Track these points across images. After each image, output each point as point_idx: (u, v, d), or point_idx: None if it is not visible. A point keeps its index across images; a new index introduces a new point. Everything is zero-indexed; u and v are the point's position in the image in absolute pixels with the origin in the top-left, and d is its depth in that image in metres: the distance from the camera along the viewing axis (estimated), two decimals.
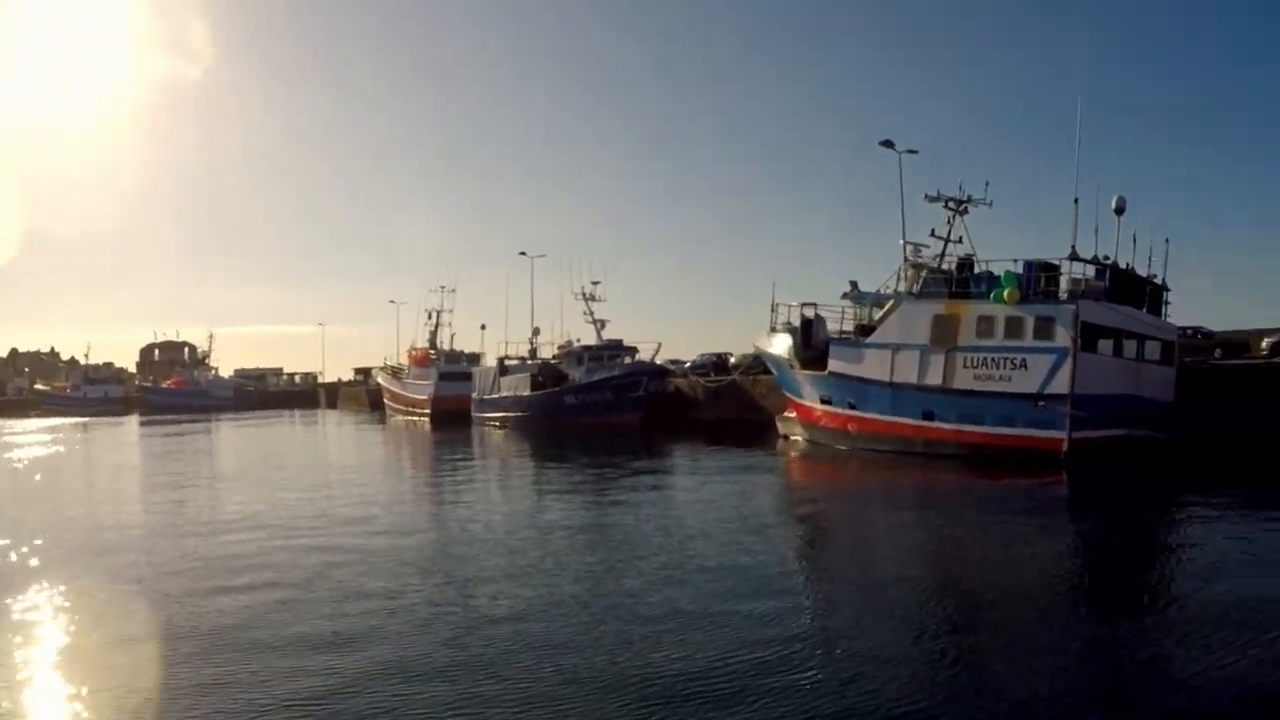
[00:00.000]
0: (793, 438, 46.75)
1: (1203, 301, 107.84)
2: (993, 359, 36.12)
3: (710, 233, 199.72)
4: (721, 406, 59.84)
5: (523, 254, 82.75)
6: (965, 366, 36.84)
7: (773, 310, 47.57)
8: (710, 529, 22.31)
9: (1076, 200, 35.54)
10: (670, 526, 22.77)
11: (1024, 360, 35.32)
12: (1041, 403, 34.69)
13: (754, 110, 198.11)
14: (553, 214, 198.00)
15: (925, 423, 38.08)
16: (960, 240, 41.49)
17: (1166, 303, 39.19)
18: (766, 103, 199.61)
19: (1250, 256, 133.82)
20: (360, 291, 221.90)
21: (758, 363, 54.83)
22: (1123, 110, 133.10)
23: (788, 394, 47.63)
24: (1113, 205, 36.13)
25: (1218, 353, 44.30)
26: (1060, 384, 34.30)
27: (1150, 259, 38.28)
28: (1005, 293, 35.79)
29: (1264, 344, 43.11)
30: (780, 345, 46.34)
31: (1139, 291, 37.43)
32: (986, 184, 41.94)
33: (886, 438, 39.35)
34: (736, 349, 70.26)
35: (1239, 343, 45.98)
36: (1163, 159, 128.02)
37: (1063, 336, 34.47)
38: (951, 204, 41.55)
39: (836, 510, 28.39)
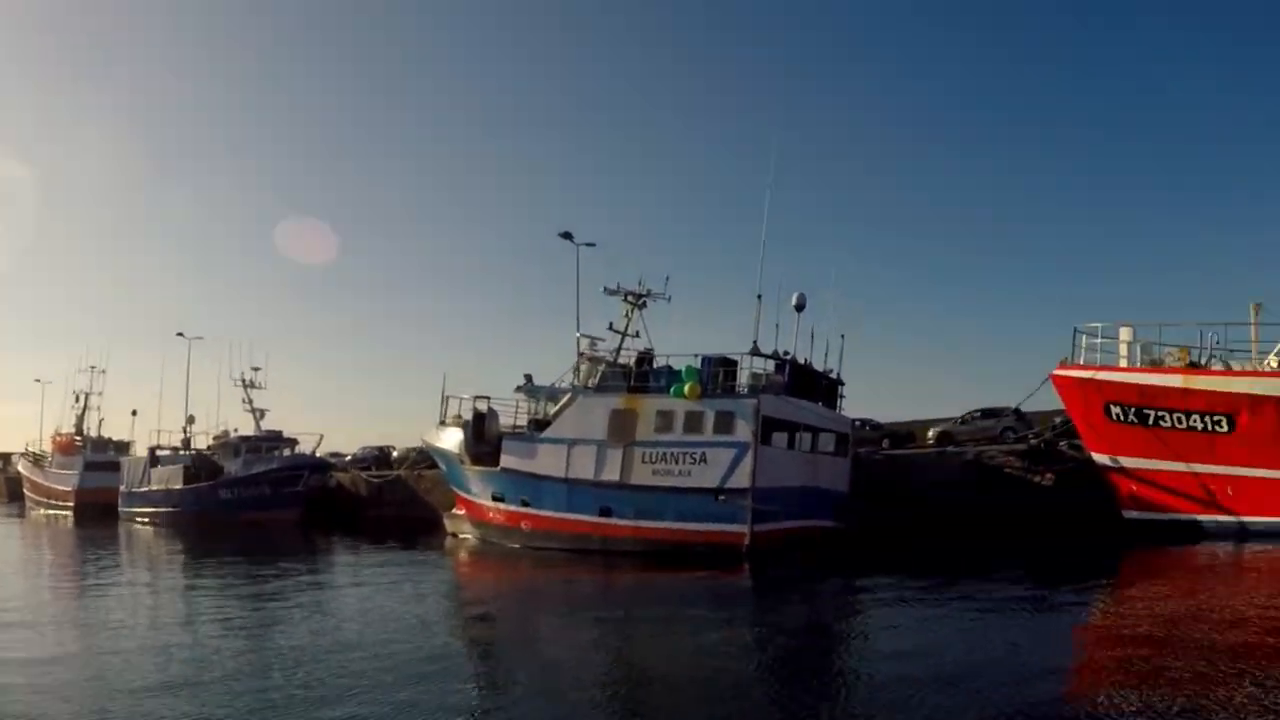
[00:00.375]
0: (462, 536, 44.34)
1: (870, 395, 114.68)
2: (672, 454, 35.32)
3: (376, 321, 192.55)
4: (385, 503, 58.25)
5: (180, 335, 76.41)
6: (644, 461, 35.85)
7: (443, 402, 45.37)
8: (393, 639, 20.30)
9: (760, 296, 36.29)
10: (348, 641, 20.39)
11: (704, 454, 34.75)
12: (722, 497, 34.21)
13: (421, 190, 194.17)
14: (211, 294, 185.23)
15: (602, 519, 36.70)
16: (638, 334, 40.90)
17: (841, 396, 40.50)
18: (426, 193, 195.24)
19: (913, 354, 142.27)
20: (6, 365, 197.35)
21: (423, 457, 53.25)
22: (805, 207, 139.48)
23: (457, 490, 45.24)
24: (793, 302, 37.00)
25: (885, 443, 46.43)
26: (741, 478, 33.98)
27: (826, 354, 39.44)
28: (687, 387, 35.34)
29: (930, 434, 44.79)
30: (450, 439, 43.91)
31: (816, 385, 38.30)
32: (667, 278, 41.57)
33: (561, 535, 37.69)
34: (401, 442, 69.03)
35: (904, 434, 47.92)
36: (842, 256, 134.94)
37: (743, 430, 34.17)
38: (630, 297, 40.90)
39: (515, 612, 26.89)
